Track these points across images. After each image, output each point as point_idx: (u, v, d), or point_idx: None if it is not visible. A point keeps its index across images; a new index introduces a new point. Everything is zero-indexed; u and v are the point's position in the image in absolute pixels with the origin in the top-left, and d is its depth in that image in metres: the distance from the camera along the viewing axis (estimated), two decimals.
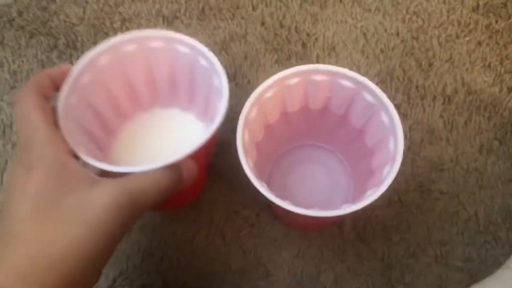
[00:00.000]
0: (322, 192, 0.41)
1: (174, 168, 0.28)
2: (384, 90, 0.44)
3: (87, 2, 0.50)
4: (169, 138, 0.39)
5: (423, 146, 0.44)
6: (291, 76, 0.34)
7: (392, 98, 0.45)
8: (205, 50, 0.33)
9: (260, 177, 0.35)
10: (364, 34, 0.48)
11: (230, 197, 0.42)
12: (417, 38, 0.48)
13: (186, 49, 0.34)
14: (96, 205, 0.25)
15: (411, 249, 0.40)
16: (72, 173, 0.26)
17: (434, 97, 0.45)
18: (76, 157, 0.28)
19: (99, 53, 0.33)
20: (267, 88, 0.34)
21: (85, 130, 0.32)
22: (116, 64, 0.34)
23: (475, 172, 0.43)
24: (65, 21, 0.49)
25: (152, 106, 0.39)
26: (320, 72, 0.34)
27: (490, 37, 0.47)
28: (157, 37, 0.34)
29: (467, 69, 0.46)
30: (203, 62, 0.34)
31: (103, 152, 0.35)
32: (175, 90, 0.38)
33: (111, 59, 0.33)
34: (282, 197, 0.37)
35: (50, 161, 0.26)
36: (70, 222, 0.25)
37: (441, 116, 0.45)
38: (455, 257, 0.40)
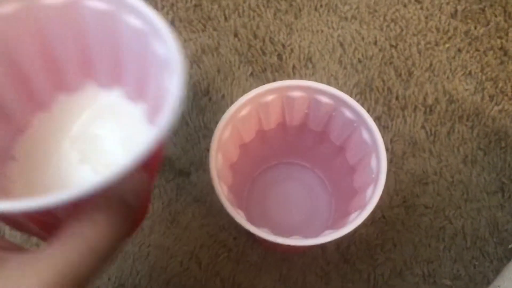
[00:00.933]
0: (303, 212, 0.39)
1: (115, 194, 0.18)
2: (364, 101, 0.43)
3: None
4: (88, 130, 0.25)
5: (406, 158, 0.42)
6: (266, 93, 0.32)
7: (372, 110, 0.43)
8: (134, 2, 0.21)
9: (237, 199, 0.33)
10: (341, 44, 0.46)
11: (205, 220, 0.40)
12: (395, 46, 0.46)
13: (103, 4, 0.22)
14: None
15: (397, 268, 0.39)
16: None
17: (415, 108, 0.44)
18: None
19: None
20: (241, 107, 0.31)
21: None
22: (29, 19, 0.22)
23: (460, 184, 0.41)
24: None
25: (56, 88, 0.26)
26: (296, 88, 0.32)
27: (470, 43, 0.46)
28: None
29: (447, 78, 0.45)
30: (133, 21, 0.22)
31: None
32: (89, 64, 0.25)
33: (20, 10, 0.22)
34: (261, 219, 0.35)
35: None
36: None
37: (423, 127, 0.43)
38: (443, 275, 0.39)
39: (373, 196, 0.28)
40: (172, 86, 0.19)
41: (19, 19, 0.21)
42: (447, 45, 0.46)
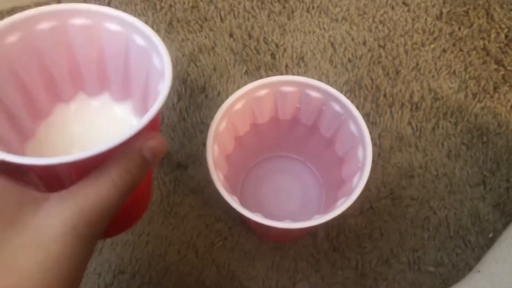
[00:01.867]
0: (295, 202, 0.41)
1: (132, 151, 0.22)
2: (353, 99, 0.45)
3: None
4: (99, 136, 0.30)
5: (393, 153, 0.44)
6: (259, 87, 0.34)
7: (361, 107, 0.45)
8: (141, 25, 0.26)
9: (232, 189, 0.34)
10: (332, 44, 0.48)
11: (201, 211, 0.41)
12: (383, 47, 0.48)
13: (117, 27, 0.27)
14: (47, 240, 0.20)
15: (384, 256, 0.40)
16: (11, 201, 0.20)
17: (402, 105, 0.46)
18: None
19: (6, 29, 0.24)
20: (236, 100, 0.33)
21: None
22: (28, 44, 0.26)
23: (444, 177, 0.43)
24: None
25: (75, 96, 0.30)
26: (288, 83, 0.34)
27: (454, 44, 0.48)
28: (80, 12, 0.26)
29: (433, 76, 0.47)
30: (139, 41, 0.27)
31: None
32: (105, 78, 0.30)
33: (21, 38, 0.25)
34: (255, 209, 0.37)
35: None
36: (18, 269, 0.19)
37: (409, 123, 0.45)
38: (428, 262, 0.40)
39: (359, 183, 0.30)
40: (163, 88, 0.24)
41: (21, 48, 0.25)
42: (432, 46, 0.48)
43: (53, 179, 0.23)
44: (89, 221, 0.21)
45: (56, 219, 0.20)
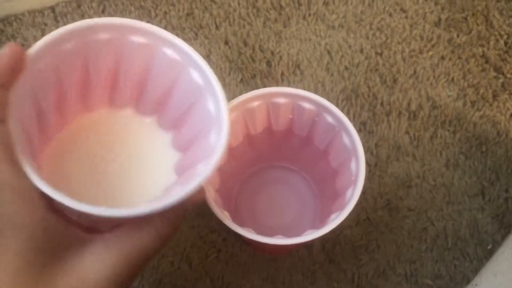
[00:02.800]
0: (290, 213, 0.40)
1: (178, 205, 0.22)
2: (349, 107, 0.45)
3: (45, 24, 0.48)
4: (122, 148, 0.29)
5: (390, 162, 0.43)
6: (251, 99, 0.34)
7: (357, 115, 0.45)
8: (201, 62, 0.26)
9: (225, 202, 0.34)
10: (328, 51, 0.48)
11: (195, 221, 0.41)
12: (381, 54, 0.48)
13: (174, 54, 0.27)
14: (91, 285, 0.20)
15: (380, 268, 0.40)
16: (56, 238, 0.20)
17: (400, 113, 0.45)
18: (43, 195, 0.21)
19: (65, 36, 0.25)
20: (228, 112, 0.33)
21: (26, 135, 0.24)
22: (81, 52, 0.26)
23: (442, 187, 0.43)
24: (23, 45, 0.47)
25: (102, 106, 0.30)
26: (280, 94, 0.33)
27: (453, 51, 0.48)
28: (140, 31, 0.27)
29: (431, 84, 0.46)
30: (194, 74, 0.27)
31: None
32: (139, 95, 0.30)
33: (76, 45, 0.25)
34: (249, 221, 0.36)
35: (27, 226, 0.20)
36: None
37: (407, 132, 0.44)
38: (425, 274, 0.40)
39: (352, 198, 0.30)
40: (219, 143, 0.25)
41: (73, 53, 0.26)
42: (430, 53, 0.48)
43: (94, 222, 0.23)
44: (132, 268, 0.21)
45: (101, 264, 0.21)
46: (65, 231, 0.21)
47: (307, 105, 0.33)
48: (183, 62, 0.27)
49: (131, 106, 0.30)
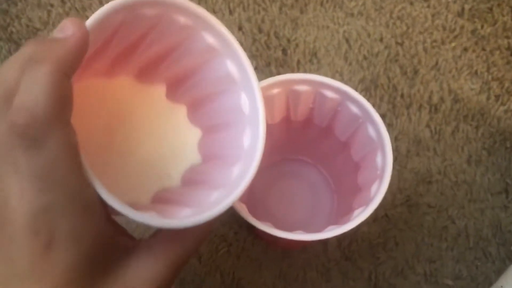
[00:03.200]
0: (305, 208, 0.39)
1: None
2: (369, 98, 0.43)
3: (52, 5, 0.46)
4: (141, 120, 0.27)
5: (410, 157, 0.42)
6: (271, 86, 0.32)
7: (376, 107, 0.43)
8: (242, 55, 0.25)
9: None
10: (347, 40, 0.46)
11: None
12: (401, 44, 0.46)
13: (213, 39, 0.25)
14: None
15: (399, 267, 0.38)
16: (108, 248, 0.20)
17: (420, 106, 0.43)
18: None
19: (117, 8, 0.22)
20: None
21: None
22: (126, 23, 0.24)
23: (464, 184, 0.41)
24: (27, 26, 0.45)
25: (125, 76, 0.27)
26: (301, 81, 0.31)
27: (476, 43, 0.46)
28: (186, 11, 0.24)
29: (453, 76, 0.45)
30: (231, 67, 0.25)
31: None
32: (168, 74, 0.27)
33: (124, 18, 0.23)
34: (263, 215, 0.34)
35: (87, 240, 0.19)
36: None
37: (428, 126, 0.43)
38: (445, 274, 0.38)
39: (378, 193, 0.28)
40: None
41: (120, 24, 0.23)
42: (453, 44, 0.46)
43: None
44: (174, 275, 0.21)
45: (147, 273, 0.20)
46: (115, 240, 0.21)
47: (329, 94, 0.31)
48: (221, 50, 0.25)
49: (158, 83, 0.28)
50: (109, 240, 0.20)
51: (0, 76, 0.18)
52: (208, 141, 0.27)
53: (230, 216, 0.39)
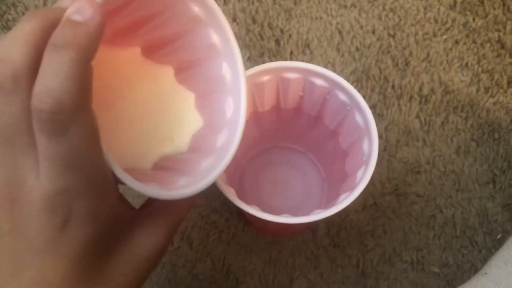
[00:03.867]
0: (296, 195, 0.39)
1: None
2: (360, 89, 0.43)
3: None
4: (141, 89, 0.27)
5: (399, 147, 0.42)
6: (261, 73, 0.32)
7: (367, 98, 0.43)
8: (223, 20, 0.25)
9: (230, 181, 0.33)
10: (339, 31, 0.46)
11: (197, 201, 0.40)
12: (393, 36, 0.46)
13: (200, 11, 0.25)
14: (141, 260, 0.22)
15: (386, 255, 0.39)
16: (117, 220, 0.21)
17: (411, 97, 0.44)
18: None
19: None
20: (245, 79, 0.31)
21: None
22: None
23: (452, 174, 0.41)
24: (23, 13, 0.46)
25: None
26: (291, 69, 0.32)
27: (467, 35, 0.46)
28: None
29: (444, 68, 0.45)
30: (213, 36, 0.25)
31: None
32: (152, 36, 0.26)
33: None
34: (253, 202, 0.35)
35: (101, 217, 0.20)
36: (117, 282, 0.21)
37: (418, 117, 0.43)
38: (432, 262, 0.39)
39: (364, 178, 0.28)
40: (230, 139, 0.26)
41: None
42: (444, 36, 0.46)
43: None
44: (170, 241, 0.23)
45: (150, 240, 0.22)
46: (122, 211, 0.22)
47: (319, 82, 0.32)
48: (207, 20, 0.25)
49: (135, 46, 0.27)
50: (119, 215, 0.21)
51: (4, 54, 0.18)
52: (196, 106, 0.28)
53: (222, 203, 0.40)
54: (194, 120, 0.27)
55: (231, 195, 0.28)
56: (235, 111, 0.26)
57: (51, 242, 0.19)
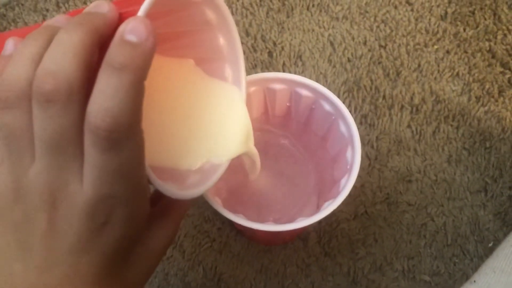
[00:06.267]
0: (288, 203, 0.39)
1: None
2: (351, 99, 0.44)
3: (47, 10, 0.48)
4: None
5: (391, 156, 0.42)
6: (248, 83, 0.33)
7: (359, 108, 0.44)
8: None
9: (217, 190, 0.33)
10: (331, 43, 0.47)
11: (190, 210, 0.40)
12: (384, 47, 0.47)
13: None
14: (156, 253, 0.24)
15: (377, 263, 0.39)
16: (146, 218, 0.23)
17: (402, 107, 0.44)
18: None
19: None
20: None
21: None
22: None
23: (444, 183, 0.42)
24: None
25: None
26: (277, 80, 0.33)
27: (458, 45, 0.47)
28: None
29: (435, 78, 0.45)
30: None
31: None
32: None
33: None
34: (242, 210, 0.35)
35: (136, 220, 0.22)
36: (136, 272, 0.23)
37: (409, 126, 0.44)
38: (423, 271, 0.39)
39: (346, 186, 0.29)
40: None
41: None
42: (435, 47, 0.47)
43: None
44: (178, 229, 0.26)
45: (164, 233, 0.24)
46: (149, 211, 0.23)
47: (304, 92, 0.32)
48: (217, 25, 0.26)
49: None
50: (147, 215, 0.23)
51: (56, 66, 0.18)
52: None
53: (214, 213, 0.40)
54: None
55: (217, 204, 0.28)
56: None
57: (88, 241, 0.20)
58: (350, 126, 0.31)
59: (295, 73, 0.46)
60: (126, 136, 0.18)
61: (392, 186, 0.41)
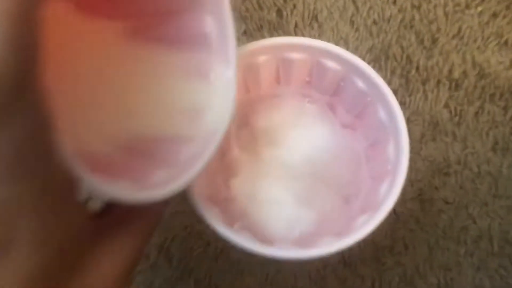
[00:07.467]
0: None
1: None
2: (378, 71, 0.36)
3: None
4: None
5: (424, 143, 0.37)
6: (257, 52, 0.26)
7: (387, 82, 0.37)
8: None
9: (217, 193, 0.27)
10: (354, 1, 0.40)
11: (180, 207, 0.35)
12: (418, 7, 0.40)
13: None
14: (109, 277, 0.20)
15: (408, 276, 0.34)
16: (74, 235, 0.19)
17: (439, 82, 0.38)
18: None
19: None
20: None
21: None
22: None
23: (488, 176, 0.36)
24: None
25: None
26: (296, 47, 0.26)
27: (508, 7, 0.40)
28: None
29: (478, 47, 0.39)
30: None
31: None
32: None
33: None
34: (247, 221, 0.29)
35: (58, 233, 0.17)
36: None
37: (447, 106, 0.37)
38: (463, 285, 0.34)
39: (389, 195, 0.22)
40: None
41: None
42: (479, 8, 0.40)
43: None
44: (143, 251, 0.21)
45: (119, 258, 0.19)
46: (82, 225, 0.19)
47: (331, 64, 0.25)
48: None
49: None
50: (77, 231, 0.17)
51: None
52: None
53: None
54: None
55: (213, 219, 0.22)
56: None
57: None
58: (394, 113, 0.24)
59: (309, 36, 0.39)
60: (9, 103, 0.12)
61: (426, 180, 0.36)
